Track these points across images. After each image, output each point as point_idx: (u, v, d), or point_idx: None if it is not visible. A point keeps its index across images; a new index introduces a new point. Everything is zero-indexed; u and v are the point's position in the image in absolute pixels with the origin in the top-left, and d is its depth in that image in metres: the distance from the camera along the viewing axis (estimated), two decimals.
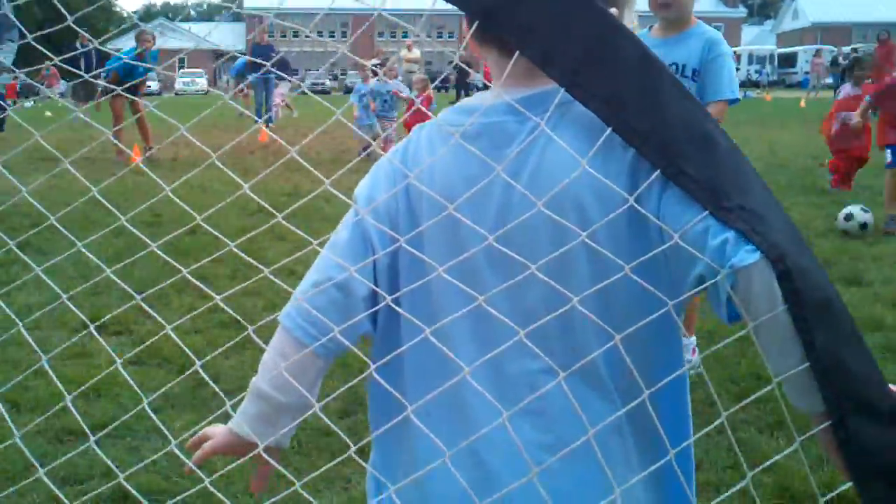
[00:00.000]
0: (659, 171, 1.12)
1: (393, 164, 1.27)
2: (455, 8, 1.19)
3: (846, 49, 29.64)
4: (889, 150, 6.69)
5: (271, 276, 1.26)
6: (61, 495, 1.67)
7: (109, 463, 1.48)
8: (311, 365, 1.22)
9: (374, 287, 1.23)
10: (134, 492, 1.54)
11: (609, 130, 1.14)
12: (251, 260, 1.30)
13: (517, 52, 1.16)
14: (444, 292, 1.20)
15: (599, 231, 1.12)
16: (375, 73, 11.45)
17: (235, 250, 1.27)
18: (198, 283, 1.53)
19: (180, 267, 1.32)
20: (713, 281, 1.07)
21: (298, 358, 1.21)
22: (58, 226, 1.50)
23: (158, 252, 1.34)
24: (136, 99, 6.94)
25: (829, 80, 29.25)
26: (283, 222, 1.20)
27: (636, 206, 1.10)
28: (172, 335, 1.36)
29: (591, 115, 1.14)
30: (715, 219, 1.08)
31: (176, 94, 36.95)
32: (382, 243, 1.23)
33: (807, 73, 38.51)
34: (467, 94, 18.04)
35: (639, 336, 1.09)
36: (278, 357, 1.23)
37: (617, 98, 1.16)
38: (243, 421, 1.24)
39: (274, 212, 1.20)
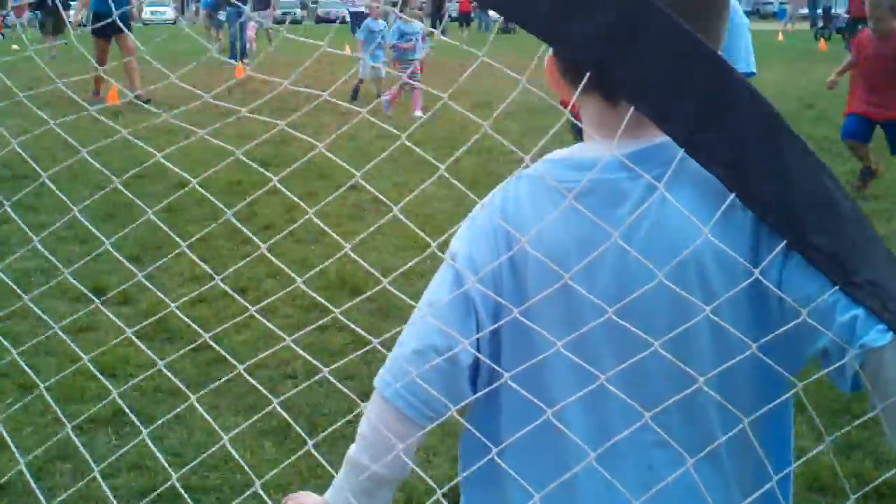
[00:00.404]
0: (784, 242, 1.08)
1: (493, 221, 1.20)
2: None
3: None
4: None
5: (269, 255, 1.20)
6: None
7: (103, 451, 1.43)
8: (412, 436, 1.18)
9: (479, 356, 1.18)
10: (182, 491, 1.49)
11: (732, 196, 1.09)
12: (249, 233, 1.24)
13: (631, 108, 1.09)
14: (555, 363, 1.15)
15: (725, 288, 1.08)
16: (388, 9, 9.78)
17: (233, 220, 1.21)
18: (201, 263, 1.49)
19: (179, 240, 1.32)
20: (842, 362, 1.03)
21: (401, 430, 1.16)
22: (51, 185, 1.48)
23: (154, 219, 1.33)
24: (127, 33, 6.54)
25: (805, 11, 29.04)
26: (279, 185, 1.15)
27: (761, 277, 1.06)
28: (178, 313, 1.39)
29: (696, 178, 1.09)
30: (844, 293, 1.04)
31: (144, 23, 35.92)
32: (486, 308, 1.17)
33: (783, 2, 38.21)
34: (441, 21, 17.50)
35: (755, 409, 1.07)
36: (379, 429, 1.17)
37: (738, 162, 1.10)
38: (342, 494, 1.19)
39: (267, 174, 1.15)
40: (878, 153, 6.55)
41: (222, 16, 16.11)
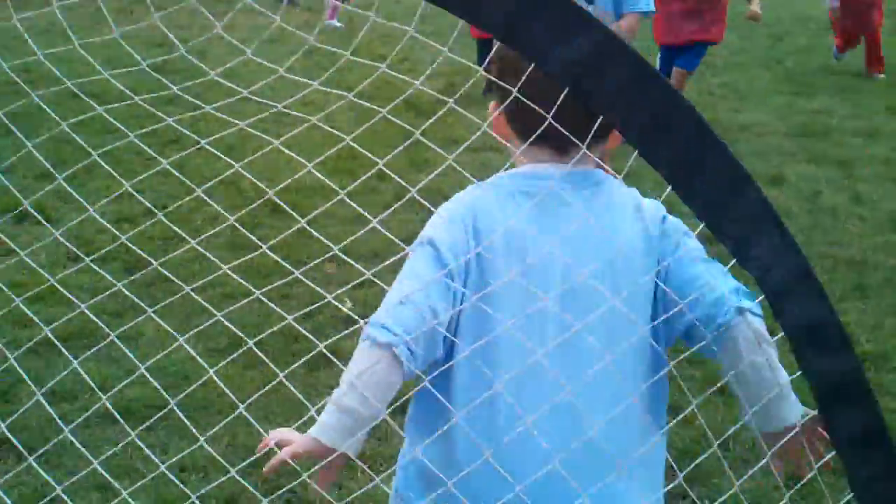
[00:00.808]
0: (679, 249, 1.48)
1: (463, 214, 1.47)
2: None
3: None
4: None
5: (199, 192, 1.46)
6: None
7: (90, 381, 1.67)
8: (396, 380, 1.37)
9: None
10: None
11: (669, 190, 1.42)
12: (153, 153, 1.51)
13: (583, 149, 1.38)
14: (507, 336, 1.41)
15: (638, 279, 1.45)
16: None
17: (137, 140, 1.44)
18: (120, 180, 1.70)
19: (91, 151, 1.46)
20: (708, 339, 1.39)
21: (387, 370, 1.36)
22: None
23: (68, 129, 1.53)
24: None
25: None
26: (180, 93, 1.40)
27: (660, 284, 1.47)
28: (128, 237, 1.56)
29: (619, 192, 1.51)
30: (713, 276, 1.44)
31: None
32: (459, 279, 1.43)
33: None
34: None
35: (648, 359, 1.48)
36: (365, 375, 1.36)
37: (679, 163, 1.43)
38: (327, 432, 1.36)
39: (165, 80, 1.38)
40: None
41: None
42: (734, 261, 1.39)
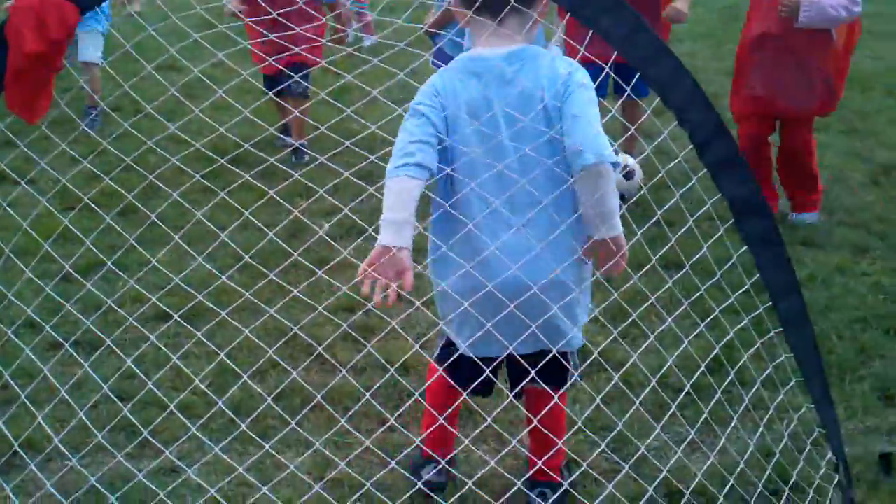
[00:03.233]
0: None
1: (432, 90, 2.27)
2: None
3: None
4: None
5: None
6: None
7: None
8: (418, 191, 2.17)
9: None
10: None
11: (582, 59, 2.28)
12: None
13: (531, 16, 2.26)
14: (475, 161, 2.27)
15: (549, 106, 2.23)
16: None
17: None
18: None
19: None
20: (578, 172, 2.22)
21: (414, 187, 2.15)
22: None
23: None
24: None
25: None
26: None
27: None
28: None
29: (543, 62, 2.26)
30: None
31: None
32: (439, 129, 2.25)
33: None
34: None
35: (555, 175, 2.27)
36: (397, 193, 2.14)
37: (626, 39, 2.15)
38: (385, 239, 2.13)
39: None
40: None
41: None
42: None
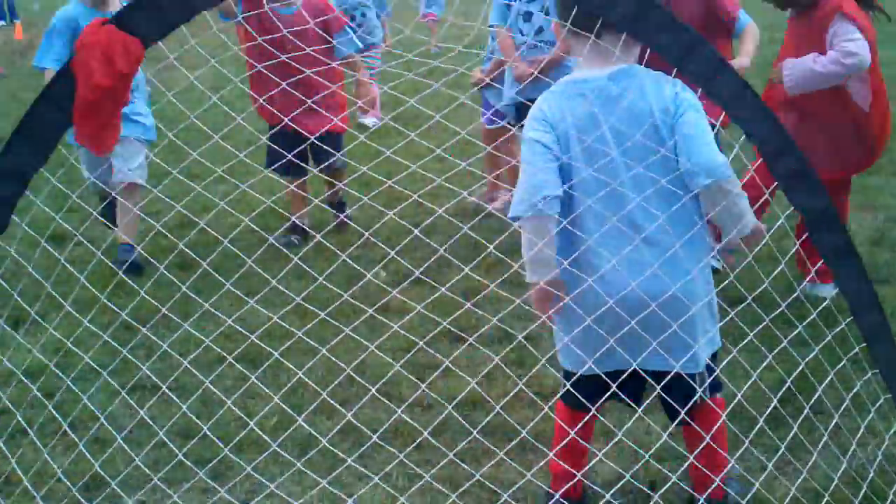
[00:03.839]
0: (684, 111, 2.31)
1: (538, 113, 2.35)
2: None
3: None
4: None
5: None
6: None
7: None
8: (551, 226, 2.30)
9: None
10: None
11: (674, 71, 2.25)
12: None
13: (632, 41, 2.30)
14: (587, 181, 2.31)
15: (659, 124, 2.29)
16: None
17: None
18: None
19: None
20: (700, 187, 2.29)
21: (548, 228, 2.29)
22: None
23: None
24: None
25: None
26: None
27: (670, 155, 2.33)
28: None
29: (648, 79, 2.32)
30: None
31: None
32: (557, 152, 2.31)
33: None
34: None
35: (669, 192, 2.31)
36: (538, 239, 2.28)
37: (683, 57, 2.20)
38: (533, 277, 2.34)
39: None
40: None
41: None
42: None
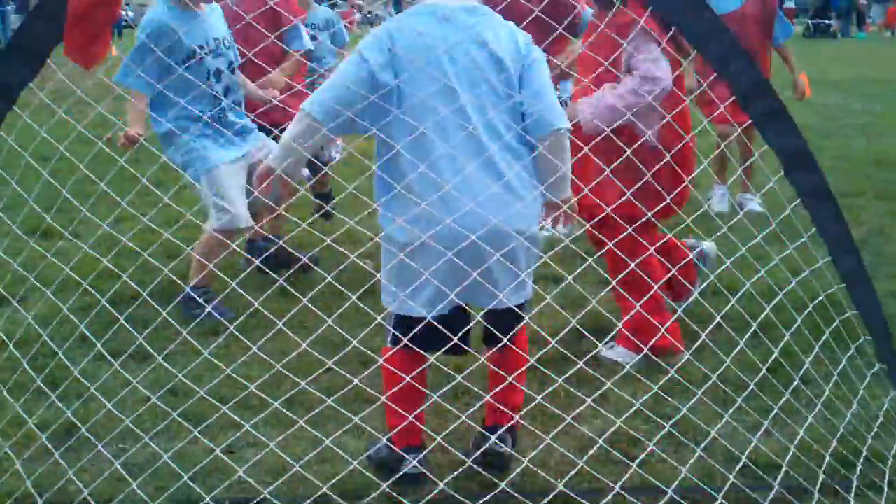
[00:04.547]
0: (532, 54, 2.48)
1: (383, 34, 2.37)
2: None
3: None
4: None
5: None
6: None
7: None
8: (319, 130, 2.37)
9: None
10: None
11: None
12: None
13: None
14: (427, 105, 2.35)
15: (510, 70, 2.42)
16: None
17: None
18: None
19: None
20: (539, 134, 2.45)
21: (312, 128, 2.36)
22: None
23: None
24: None
25: None
26: None
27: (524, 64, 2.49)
28: None
29: (501, 21, 2.46)
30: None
31: None
32: (380, 76, 2.35)
33: None
34: None
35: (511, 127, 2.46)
36: (299, 133, 2.38)
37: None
38: (274, 161, 2.42)
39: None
40: None
41: None
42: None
